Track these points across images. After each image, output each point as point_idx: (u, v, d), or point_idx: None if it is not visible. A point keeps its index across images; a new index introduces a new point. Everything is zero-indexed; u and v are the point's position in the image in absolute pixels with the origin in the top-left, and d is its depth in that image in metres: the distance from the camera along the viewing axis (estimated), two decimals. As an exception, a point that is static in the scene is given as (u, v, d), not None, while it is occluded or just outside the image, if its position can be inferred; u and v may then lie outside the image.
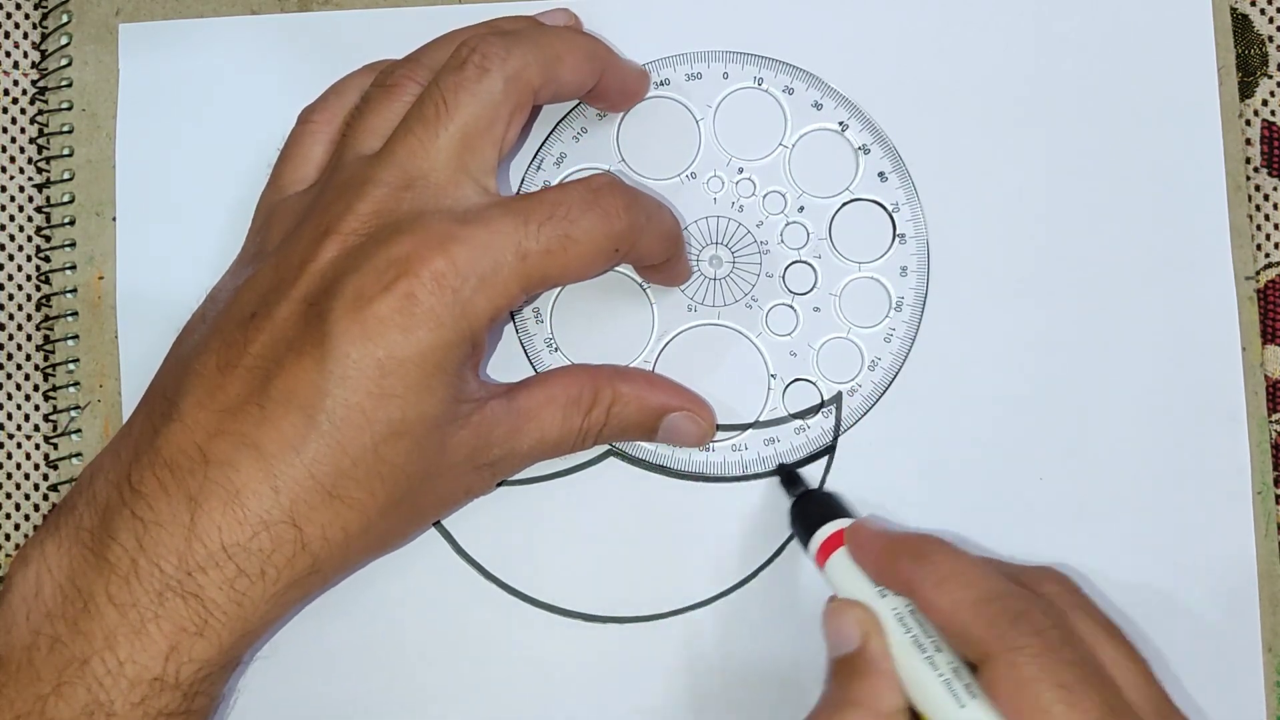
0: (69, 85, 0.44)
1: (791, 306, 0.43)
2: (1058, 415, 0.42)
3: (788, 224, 0.43)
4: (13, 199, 0.44)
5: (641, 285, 0.43)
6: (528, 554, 0.42)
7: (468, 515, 0.42)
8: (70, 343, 0.43)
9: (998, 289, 0.43)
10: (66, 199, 0.44)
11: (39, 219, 0.44)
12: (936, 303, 0.43)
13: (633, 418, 0.40)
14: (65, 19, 0.44)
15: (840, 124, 0.43)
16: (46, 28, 0.44)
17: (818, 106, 0.43)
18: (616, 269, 0.43)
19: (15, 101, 0.44)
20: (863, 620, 0.36)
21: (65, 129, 0.44)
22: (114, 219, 0.44)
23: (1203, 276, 0.43)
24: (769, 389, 0.43)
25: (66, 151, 0.44)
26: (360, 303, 0.35)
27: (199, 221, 0.43)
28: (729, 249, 0.43)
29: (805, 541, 0.39)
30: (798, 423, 0.42)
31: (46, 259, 0.44)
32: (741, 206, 0.43)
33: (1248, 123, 0.44)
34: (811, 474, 0.42)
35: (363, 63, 0.43)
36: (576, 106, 0.44)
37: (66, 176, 0.44)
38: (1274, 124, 0.44)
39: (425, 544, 0.42)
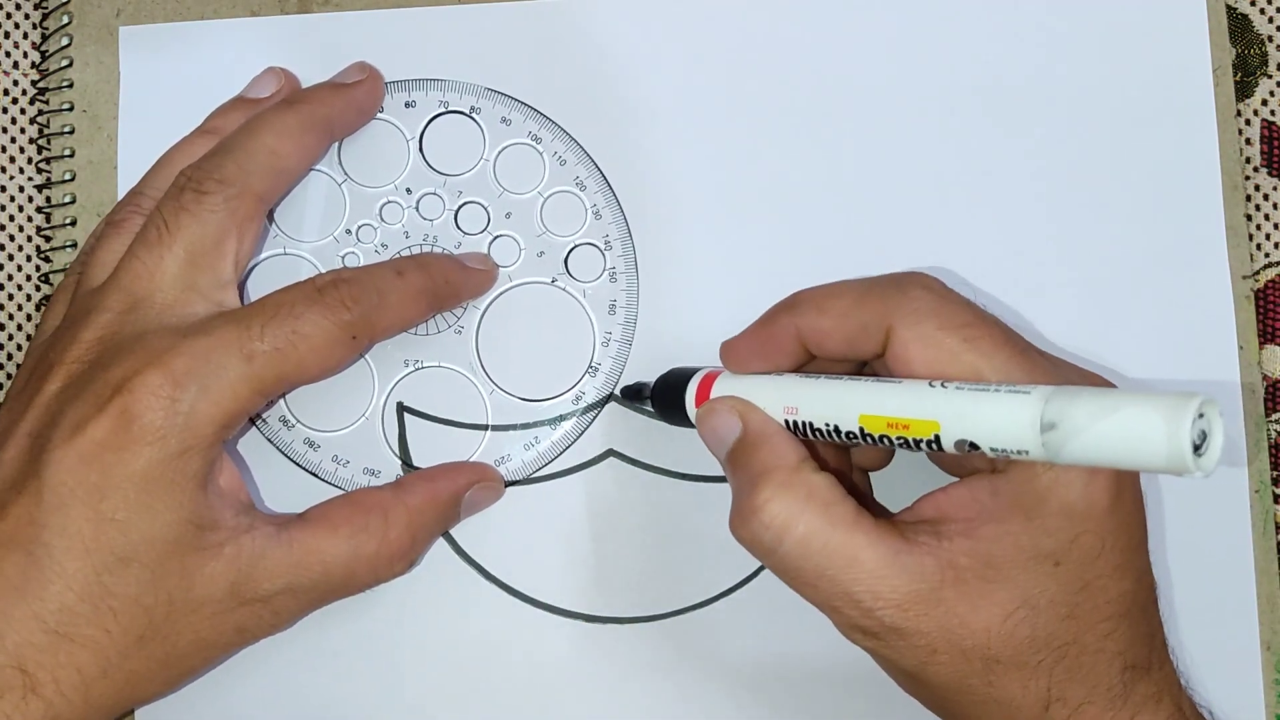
0: (70, 86, 0.44)
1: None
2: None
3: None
4: (13, 199, 0.44)
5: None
6: (528, 554, 0.42)
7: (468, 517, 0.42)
8: (71, 343, 0.43)
9: (997, 289, 0.43)
10: (68, 199, 0.44)
11: (40, 219, 0.44)
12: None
13: (436, 519, 0.40)
14: (66, 20, 0.44)
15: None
16: (47, 29, 0.44)
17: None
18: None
19: (15, 102, 0.44)
20: (734, 405, 0.36)
21: (66, 130, 0.44)
22: (115, 220, 0.44)
23: (1199, 276, 0.43)
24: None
25: (68, 152, 0.44)
26: (78, 428, 0.34)
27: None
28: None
29: (679, 409, 0.39)
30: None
31: (47, 259, 0.44)
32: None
33: (1247, 122, 0.44)
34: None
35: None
36: None
37: (68, 177, 0.44)
38: (1274, 124, 0.44)
39: (426, 545, 0.42)
